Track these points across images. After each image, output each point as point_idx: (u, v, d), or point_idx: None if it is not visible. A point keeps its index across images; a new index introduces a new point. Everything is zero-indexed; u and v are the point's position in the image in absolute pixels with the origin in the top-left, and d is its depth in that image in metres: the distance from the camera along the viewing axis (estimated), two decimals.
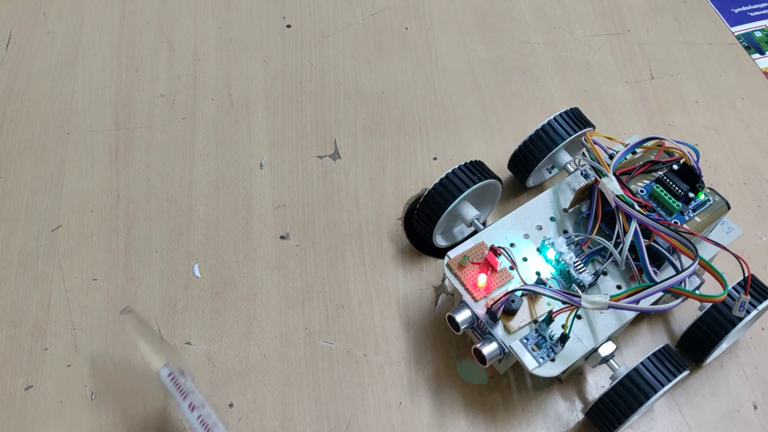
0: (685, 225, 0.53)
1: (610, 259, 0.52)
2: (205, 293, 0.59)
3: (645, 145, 0.56)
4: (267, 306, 0.59)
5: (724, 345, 0.56)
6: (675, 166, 0.54)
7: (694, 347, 0.55)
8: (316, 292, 0.59)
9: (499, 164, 0.64)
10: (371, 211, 0.64)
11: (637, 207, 0.51)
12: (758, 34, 0.79)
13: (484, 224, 0.56)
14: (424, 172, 0.66)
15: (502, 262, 0.52)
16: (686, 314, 0.58)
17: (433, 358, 0.57)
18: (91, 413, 0.54)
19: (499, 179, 0.59)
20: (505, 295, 0.49)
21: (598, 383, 0.56)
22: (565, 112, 0.60)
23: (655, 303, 0.52)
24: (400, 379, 0.56)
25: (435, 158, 0.67)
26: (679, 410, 0.55)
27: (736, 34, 0.79)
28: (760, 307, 0.52)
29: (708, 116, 0.72)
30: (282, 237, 0.62)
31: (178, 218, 0.63)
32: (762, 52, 0.77)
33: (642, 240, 0.50)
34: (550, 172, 0.65)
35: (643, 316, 0.59)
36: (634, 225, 0.50)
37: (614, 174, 0.53)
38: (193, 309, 0.58)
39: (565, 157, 0.61)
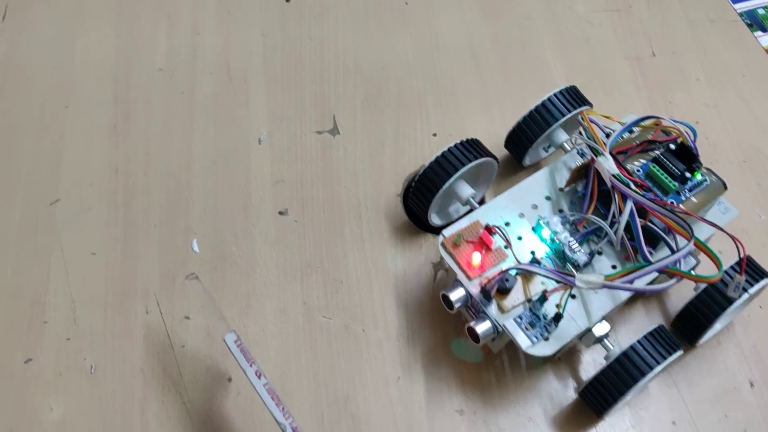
0: (681, 205, 0.53)
1: (606, 239, 0.52)
2: (204, 268, 0.59)
3: (642, 124, 0.56)
4: (266, 281, 0.59)
5: (718, 326, 0.56)
6: (672, 146, 0.54)
7: (689, 327, 0.55)
8: (314, 267, 0.60)
9: (498, 141, 0.63)
10: (370, 187, 0.64)
11: (633, 186, 0.50)
12: (761, 12, 0.78)
13: (480, 203, 0.55)
14: (423, 149, 0.66)
15: (497, 241, 0.52)
16: (682, 295, 0.58)
17: (430, 335, 0.57)
18: (91, 386, 0.54)
19: (495, 158, 0.58)
20: (499, 273, 0.49)
21: (592, 363, 0.56)
22: (562, 91, 0.59)
23: (650, 283, 0.52)
24: (398, 354, 0.56)
25: (434, 134, 0.67)
26: (676, 388, 0.56)
27: (738, 11, 0.78)
28: (755, 288, 0.52)
29: (709, 94, 0.71)
30: (281, 212, 0.62)
31: (177, 193, 0.63)
32: (764, 30, 0.77)
33: (637, 220, 0.50)
34: (547, 151, 0.65)
35: (638, 296, 0.59)
36: (629, 205, 0.50)
37: (610, 153, 0.52)
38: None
39: (561, 136, 0.60)
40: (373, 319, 0.57)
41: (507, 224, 0.54)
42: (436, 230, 0.60)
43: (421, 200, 0.58)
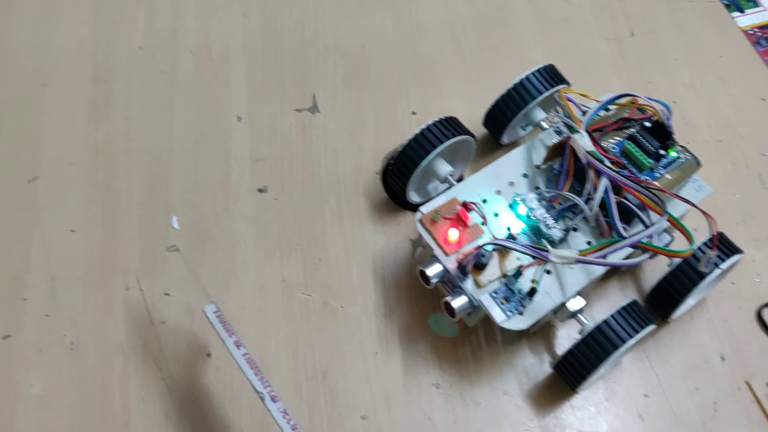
0: (655, 182, 0.53)
1: (581, 216, 0.53)
2: (184, 245, 0.59)
3: (618, 102, 0.56)
4: (245, 258, 0.59)
5: (691, 301, 0.57)
6: (647, 124, 0.55)
7: (662, 302, 0.56)
8: (294, 245, 0.60)
9: (477, 119, 0.64)
10: (350, 166, 0.64)
11: (608, 163, 0.51)
12: None
13: (459, 180, 0.56)
14: (403, 127, 0.67)
15: (474, 218, 0.53)
16: (656, 271, 0.59)
17: (407, 310, 0.58)
18: (71, 362, 0.54)
19: (473, 136, 0.59)
20: (475, 249, 0.50)
21: (567, 338, 0.57)
22: (540, 69, 0.60)
23: (624, 259, 0.53)
24: (376, 330, 0.57)
25: (414, 113, 0.68)
26: (649, 362, 0.57)
27: None
28: (727, 263, 0.53)
29: (687, 74, 0.72)
30: (260, 190, 0.63)
31: (158, 171, 0.63)
32: (742, 11, 0.77)
33: (612, 196, 0.50)
34: (525, 130, 0.66)
35: (612, 272, 0.60)
36: (604, 181, 0.50)
37: (586, 131, 0.53)
38: (172, 261, 0.59)
39: (539, 114, 0.61)
40: (351, 296, 0.58)
41: (484, 201, 0.54)
42: (415, 207, 0.60)
43: (399, 178, 0.58)
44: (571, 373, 0.52)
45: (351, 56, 0.71)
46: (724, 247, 0.54)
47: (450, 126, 0.57)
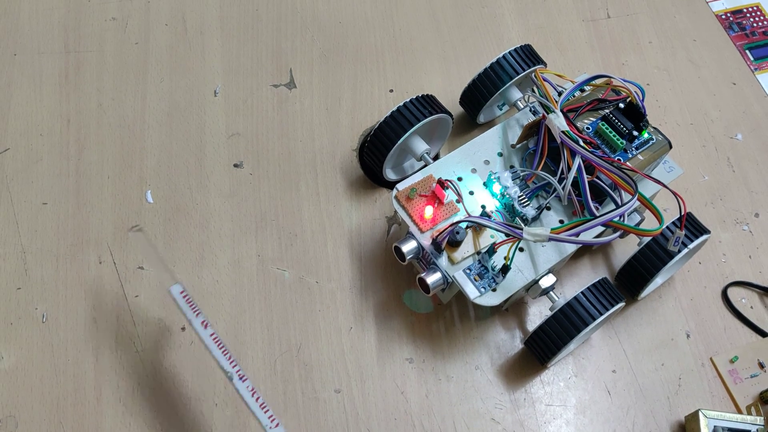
0: (628, 162, 0.54)
1: (554, 194, 0.54)
2: (158, 219, 0.59)
3: (593, 83, 0.57)
4: (220, 233, 0.59)
5: (659, 280, 0.59)
6: (621, 105, 0.55)
7: (631, 281, 0.57)
8: (269, 220, 0.60)
9: (454, 98, 0.64)
10: (326, 142, 0.64)
11: (581, 143, 0.52)
12: None
13: (435, 159, 0.56)
14: (380, 104, 0.67)
15: (449, 195, 0.53)
16: (626, 250, 0.60)
17: (382, 287, 0.58)
18: (43, 334, 0.54)
19: (450, 114, 0.59)
20: (450, 226, 0.50)
21: (538, 314, 0.58)
22: (517, 49, 0.60)
23: (595, 237, 0.54)
24: (351, 305, 0.57)
25: (391, 90, 0.67)
26: (617, 338, 0.58)
27: None
28: (695, 243, 0.54)
29: (660, 57, 0.73)
30: (236, 165, 0.62)
31: (131, 144, 0.62)
32: None
33: (585, 176, 0.51)
34: (501, 109, 0.66)
35: (584, 250, 0.61)
36: (577, 161, 0.51)
37: (561, 111, 0.53)
38: (146, 235, 0.58)
39: (515, 94, 0.61)
40: (326, 272, 0.58)
41: (459, 179, 0.55)
42: (391, 185, 0.61)
43: (376, 155, 0.58)
44: (542, 348, 0.53)
45: (328, 31, 0.70)
46: (692, 227, 0.55)
47: (427, 104, 0.57)
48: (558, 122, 0.53)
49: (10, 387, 0.52)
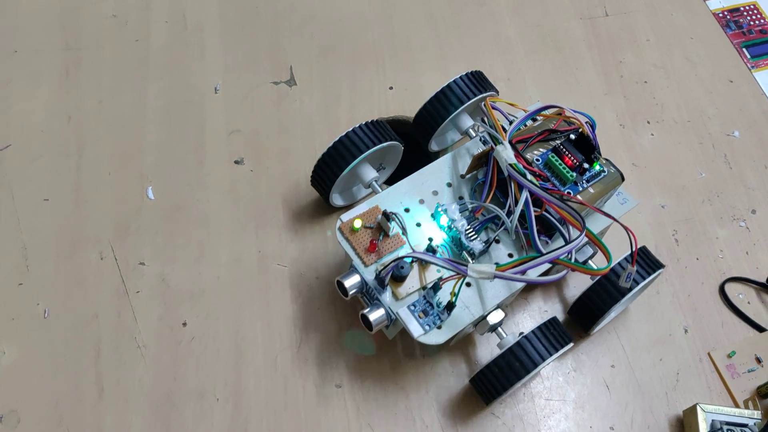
0: (578, 195, 0.52)
1: (503, 227, 0.51)
2: (158, 216, 0.59)
3: (545, 113, 0.55)
4: (220, 229, 0.59)
5: (613, 314, 0.57)
6: (572, 136, 0.53)
7: (583, 316, 0.56)
8: (269, 216, 0.60)
9: None
10: (326, 139, 0.64)
11: (529, 176, 0.49)
12: None
13: (388, 183, 0.54)
14: (379, 102, 0.67)
15: (395, 228, 0.51)
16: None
17: None
18: (44, 330, 0.54)
19: (400, 141, 0.57)
20: (394, 261, 0.48)
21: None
22: (467, 75, 0.57)
23: (545, 273, 0.52)
24: (351, 301, 0.57)
25: (391, 87, 0.68)
26: (616, 334, 0.58)
27: None
28: (647, 279, 0.52)
29: (658, 55, 0.73)
30: (236, 162, 0.62)
31: (131, 141, 0.63)
32: None
33: (532, 210, 0.49)
34: (455, 138, 0.63)
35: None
36: (524, 194, 0.49)
37: (510, 142, 0.51)
38: (147, 231, 0.58)
39: (467, 122, 0.59)
40: (327, 267, 0.58)
41: (407, 210, 0.53)
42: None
43: (322, 182, 0.56)
44: (487, 388, 0.51)
45: (327, 29, 0.70)
46: (644, 262, 0.53)
47: (377, 130, 0.55)
48: (506, 154, 0.50)
49: (12, 383, 0.52)
